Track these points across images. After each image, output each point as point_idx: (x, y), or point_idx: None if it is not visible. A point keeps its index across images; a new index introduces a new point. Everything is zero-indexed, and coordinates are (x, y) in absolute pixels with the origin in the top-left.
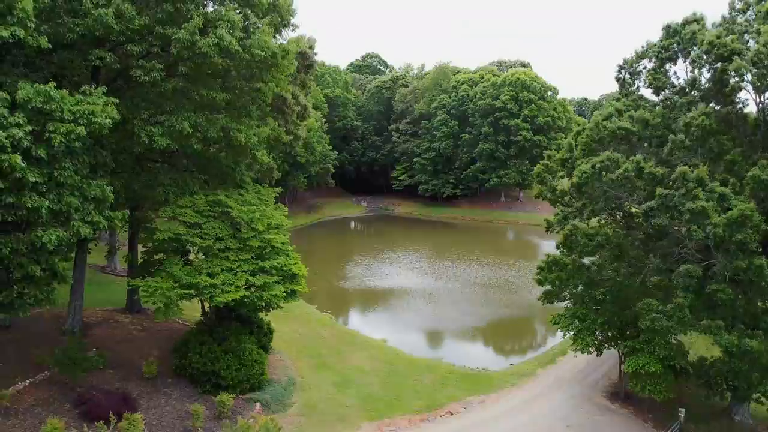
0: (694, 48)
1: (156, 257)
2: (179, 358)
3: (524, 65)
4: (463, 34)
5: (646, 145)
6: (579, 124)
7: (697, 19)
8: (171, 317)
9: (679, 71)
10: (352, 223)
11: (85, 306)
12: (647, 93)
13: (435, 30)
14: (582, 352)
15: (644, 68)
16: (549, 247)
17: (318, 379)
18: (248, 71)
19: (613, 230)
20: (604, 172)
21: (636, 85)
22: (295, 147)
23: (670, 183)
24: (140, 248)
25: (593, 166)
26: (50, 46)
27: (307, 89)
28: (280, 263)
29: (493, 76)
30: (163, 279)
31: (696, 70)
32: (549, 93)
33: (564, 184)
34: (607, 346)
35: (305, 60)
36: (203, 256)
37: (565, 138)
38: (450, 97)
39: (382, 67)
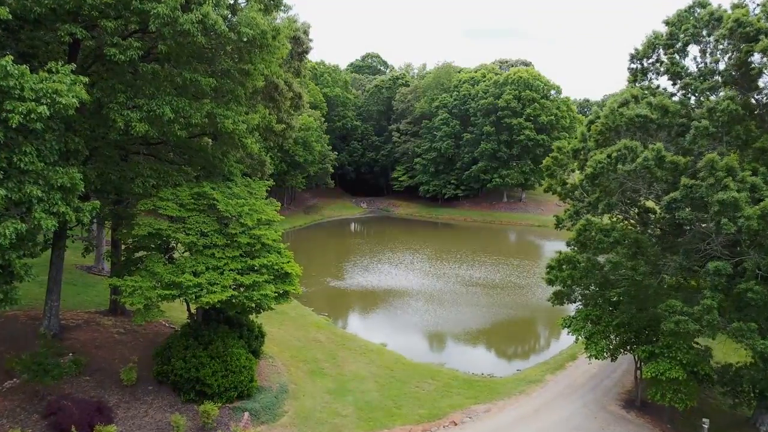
0: (705, 31)
1: (137, 255)
2: (161, 363)
3: (526, 64)
4: (464, 35)
5: (663, 134)
6: (593, 113)
7: (702, 3)
8: (152, 319)
9: (696, 58)
10: (352, 225)
11: (67, 307)
12: (661, 83)
13: (436, 31)
14: (596, 358)
15: (657, 58)
16: (552, 248)
17: (312, 386)
18: (236, 52)
19: (625, 227)
20: (620, 163)
21: (649, 77)
22: (289, 138)
23: (696, 173)
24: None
25: (609, 156)
26: (11, 16)
27: (301, 77)
28: (271, 261)
29: (495, 74)
30: (144, 278)
31: (719, 53)
32: (552, 92)
33: (575, 177)
34: (622, 351)
35: (299, 46)
36: (189, 254)
37: (569, 136)
38: (451, 96)
39: (382, 68)
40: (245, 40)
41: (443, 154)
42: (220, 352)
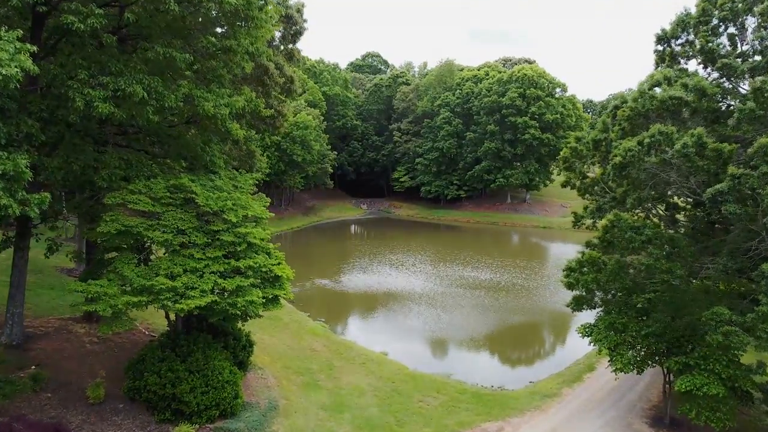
0: (743, 5)
1: (109, 256)
2: (133, 378)
3: (530, 62)
4: (466, 36)
5: (698, 120)
6: (618, 98)
7: None
8: (121, 329)
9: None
10: (352, 226)
11: (39, 314)
12: (689, 67)
13: (437, 31)
14: (623, 371)
15: (686, 39)
16: (558, 249)
17: (306, 402)
18: (218, 24)
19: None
20: (653, 150)
21: (678, 60)
22: (280, 127)
23: (743, 162)
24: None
25: (641, 143)
26: None
27: (294, 61)
28: (258, 263)
29: (499, 72)
30: (111, 282)
31: (751, 32)
32: (557, 90)
33: (596, 171)
34: (650, 363)
35: (292, 26)
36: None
37: (574, 134)
38: (454, 95)
39: (382, 67)
40: (227, 10)
41: (445, 154)
42: (200, 366)
